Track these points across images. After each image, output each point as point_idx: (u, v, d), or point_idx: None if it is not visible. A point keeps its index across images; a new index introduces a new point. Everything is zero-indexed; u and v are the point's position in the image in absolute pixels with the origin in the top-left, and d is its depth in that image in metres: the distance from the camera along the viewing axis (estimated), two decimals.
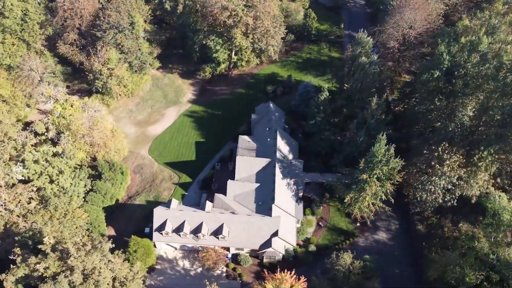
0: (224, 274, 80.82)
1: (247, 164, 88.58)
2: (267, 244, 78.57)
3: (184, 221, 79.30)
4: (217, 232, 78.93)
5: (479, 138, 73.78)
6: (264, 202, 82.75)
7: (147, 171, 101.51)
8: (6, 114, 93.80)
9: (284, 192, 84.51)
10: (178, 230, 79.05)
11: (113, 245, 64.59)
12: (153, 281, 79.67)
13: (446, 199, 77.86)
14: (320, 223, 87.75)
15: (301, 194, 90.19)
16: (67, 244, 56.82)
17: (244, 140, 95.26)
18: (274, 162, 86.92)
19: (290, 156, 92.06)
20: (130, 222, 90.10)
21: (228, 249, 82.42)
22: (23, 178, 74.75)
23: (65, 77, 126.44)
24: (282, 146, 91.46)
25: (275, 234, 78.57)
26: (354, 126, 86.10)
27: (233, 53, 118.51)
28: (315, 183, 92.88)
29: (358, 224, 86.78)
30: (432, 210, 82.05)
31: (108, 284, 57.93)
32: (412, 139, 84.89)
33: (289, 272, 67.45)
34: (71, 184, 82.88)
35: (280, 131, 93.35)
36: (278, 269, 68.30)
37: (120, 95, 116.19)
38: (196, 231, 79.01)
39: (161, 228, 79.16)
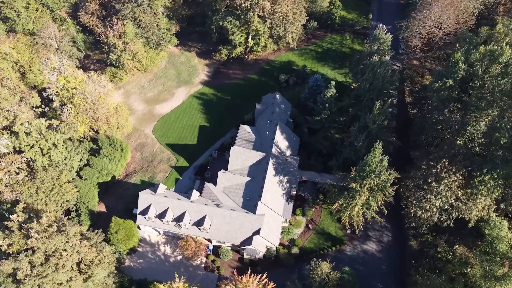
0: (203, 265, 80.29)
1: (242, 156, 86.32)
2: (248, 241, 76.96)
3: (168, 208, 78.82)
4: (199, 223, 78.00)
5: (484, 159, 67.46)
6: (251, 198, 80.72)
7: (148, 150, 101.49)
8: (17, 81, 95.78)
9: (274, 189, 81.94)
10: (161, 216, 78.79)
11: (82, 228, 64.61)
12: (133, 263, 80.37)
13: (442, 219, 72.72)
14: (309, 225, 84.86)
15: (294, 192, 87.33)
16: (32, 224, 57.43)
17: (244, 130, 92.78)
18: (268, 158, 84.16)
19: (288, 152, 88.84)
20: (121, 200, 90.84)
21: (210, 240, 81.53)
22: (15, 149, 76.19)
23: (87, 46, 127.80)
24: (281, 141, 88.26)
25: (257, 232, 76.70)
26: (355, 129, 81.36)
27: (250, 37, 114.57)
28: (312, 182, 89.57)
29: (348, 231, 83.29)
30: (427, 227, 77.14)
31: (70, 266, 58.40)
32: (416, 150, 79.15)
33: (258, 275, 65.70)
34: (66, 157, 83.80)
35: (281, 125, 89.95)
36: (249, 271, 66.59)
37: (133, 70, 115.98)
38: (179, 219, 78.43)
39: (144, 212, 79.15)
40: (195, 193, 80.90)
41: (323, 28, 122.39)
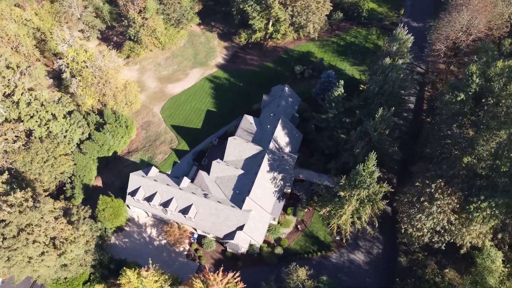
0: (186, 253, 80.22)
1: (239, 147, 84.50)
2: (231, 235, 75.88)
3: (156, 192, 78.74)
4: (185, 211, 77.58)
5: (484, 184, 62.28)
6: (241, 191, 79.18)
7: (153, 129, 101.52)
8: (32, 49, 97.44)
9: (265, 185, 79.93)
10: (149, 199, 78.90)
11: (62, 203, 65.14)
12: (118, 241, 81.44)
13: (434, 240, 68.49)
14: (299, 226, 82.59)
15: (289, 190, 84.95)
16: (8, 197, 58.60)
17: (247, 121, 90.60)
18: (264, 153, 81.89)
19: (287, 149, 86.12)
20: (119, 177, 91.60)
21: (195, 229, 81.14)
22: (15, 118, 77.85)
23: (112, 17, 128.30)
24: (281, 137, 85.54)
25: (241, 228, 75.38)
26: (356, 134, 77.35)
27: (270, 23, 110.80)
28: (309, 182, 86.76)
29: (337, 238, 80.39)
30: (419, 245, 73.16)
31: (43, 242, 59.48)
32: (417, 163, 74.45)
33: (230, 273, 64.60)
34: (67, 130, 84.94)
35: (283, 119, 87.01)
36: (221, 269, 65.49)
37: (150, 46, 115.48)
38: (166, 204, 78.29)
39: (134, 193, 79.48)
40: (185, 180, 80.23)
41: (349, 20, 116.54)
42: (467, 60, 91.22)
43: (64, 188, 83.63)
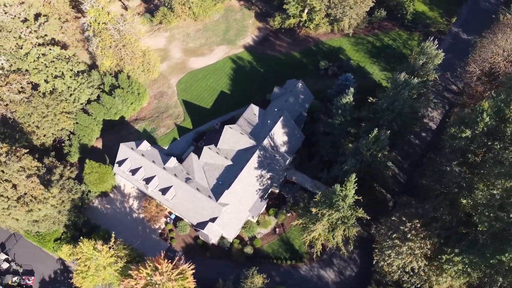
0: (160, 231, 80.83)
1: (233, 137, 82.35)
2: (203, 225, 75.09)
3: (141, 167, 79.19)
4: (164, 191, 77.51)
5: (462, 237, 56.01)
6: (224, 183, 77.61)
7: (164, 101, 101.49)
8: (62, 2, 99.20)
9: (249, 182, 77.62)
10: (134, 172, 79.60)
11: (32, 165, 66.76)
12: (101, 205, 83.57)
13: (404, 279, 63.57)
14: (277, 229, 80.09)
15: (277, 191, 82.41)
16: None
17: (252, 111, 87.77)
18: (256, 149, 79.12)
19: (283, 148, 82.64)
20: (118, 142, 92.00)
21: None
22: (22, 69, 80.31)
23: None
24: (279, 135, 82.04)
25: (213, 220, 74.28)
26: (351, 149, 72.22)
27: (306, 11, 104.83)
28: (301, 186, 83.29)
29: (312, 249, 77.09)
30: (391, 280, 68.38)
31: (7, 197, 61.94)
32: (406, 194, 68.55)
33: (186, 264, 64.12)
34: (75, 89, 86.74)
35: (286, 117, 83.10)
36: (176, 259, 65.11)
37: (182, 15, 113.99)
38: (148, 180, 78.65)
39: (121, 163, 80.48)
40: (172, 160, 79.83)
41: (392, 20, 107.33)
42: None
43: (63, 145, 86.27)
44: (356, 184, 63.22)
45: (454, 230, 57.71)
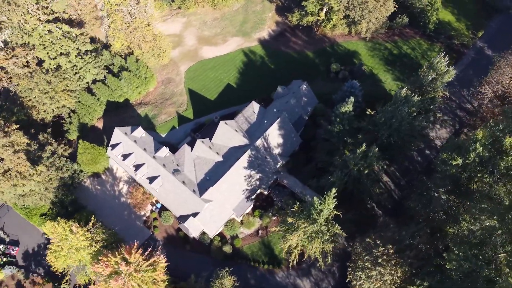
0: (144, 218, 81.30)
1: (227, 134, 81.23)
2: (185, 218, 74.92)
3: (132, 153, 79.47)
4: (151, 180, 77.61)
5: (434, 270, 53.19)
6: (211, 179, 76.90)
7: (171, 87, 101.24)
8: None
9: (236, 181, 76.59)
10: (125, 157, 79.99)
11: (20, 141, 67.79)
12: (91, 186, 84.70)
13: None
14: (260, 232, 78.99)
15: (266, 192, 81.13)
16: None
17: (251, 109, 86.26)
18: (248, 148, 77.81)
19: (277, 151, 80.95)
20: (119, 124, 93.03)
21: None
22: (27, 44, 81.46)
23: None
24: (274, 136, 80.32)
25: (194, 215, 73.95)
26: (340, 161, 69.81)
27: (324, 10, 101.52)
28: (291, 190, 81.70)
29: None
30: None
31: None
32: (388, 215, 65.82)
33: (159, 256, 64.23)
34: (81, 68, 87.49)
35: (284, 119, 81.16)
36: (149, 250, 65.17)
37: (200, 2, 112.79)
38: (137, 167, 78.90)
39: (114, 147, 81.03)
40: (163, 150, 79.70)
41: (415, 28, 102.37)
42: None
43: (63, 122, 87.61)
44: (347, 197, 61.33)
45: (429, 261, 54.90)
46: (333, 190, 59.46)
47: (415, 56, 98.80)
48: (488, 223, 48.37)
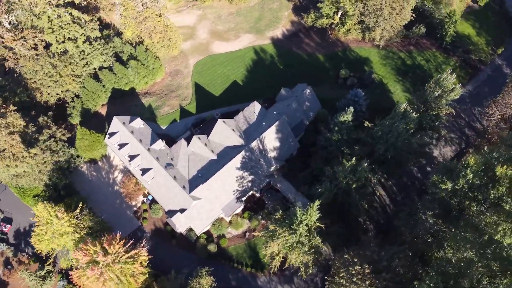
0: (135, 209, 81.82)
1: (224, 132, 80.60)
2: (172, 213, 75.03)
3: (128, 144, 79.84)
4: (144, 172, 77.87)
5: None
6: (203, 176, 76.62)
7: (178, 80, 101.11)
8: None
9: (228, 181, 76.09)
10: (121, 147, 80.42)
11: (16, 123, 68.68)
12: (87, 171, 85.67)
13: None
14: (247, 234, 78.42)
15: (258, 194, 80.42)
16: None
17: (252, 108, 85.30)
18: (242, 149, 77.02)
19: (273, 154, 79.90)
20: (122, 112, 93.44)
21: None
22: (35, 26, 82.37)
23: None
24: (270, 139, 79.25)
25: (182, 211, 73.92)
26: (331, 171, 68.27)
27: (339, 14, 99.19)
28: (284, 194, 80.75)
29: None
30: None
31: None
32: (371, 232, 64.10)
33: (141, 248, 64.65)
34: (89, 54, 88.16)
35: (283, 122, 79.89)
36: (130, 242, 65.64)
37: None
38: (132, 158, 79.27)
39: (111, 135, 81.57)
40: (159, 143, 79.74)
41: (432, 39, 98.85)
42: None
43: (66, 105, 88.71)
44: (335, 209, 60.06)
45: (405, 285, 53.15)
46: (317, 202, 58.32)
47: (428, 68, 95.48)
48: (467, 255, 46.29)
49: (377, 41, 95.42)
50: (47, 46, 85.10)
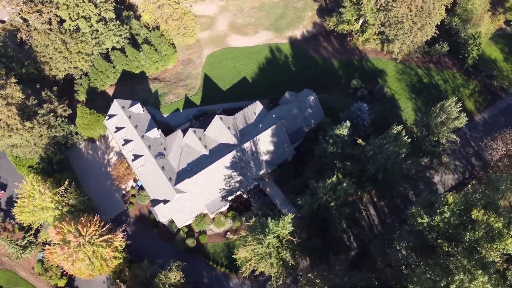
0: (123, 193, 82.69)
1: (219, 129, 79.68)
2: (156, 203, 75.27)
3: (124, 128, 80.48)
4: (135, 158, 78.41)
5: None
6: (191, 170, 76.24)
7: (189, 69, 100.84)
8: None
9: (215, 178, 75.46)
10: (118, 129, 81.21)
11: (15, 95, 70.20)
12: (85, 149, 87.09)
13: None
14: (228, 233, 77.82)
15: (245, 196, 79.60)
16: None
17: (253, 108, 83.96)
18: (234, 149, 76.09)
19: (265, 157, 78.59)
20: (129, 94, 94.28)
21: None
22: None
23: None
24: (264, 142, 77.85)
25: (165, 202, 74.05)
26: (315, 184, 66.36)
27: (360, 21, 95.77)
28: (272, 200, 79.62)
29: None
30: None
31: None
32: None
33: (118, 233, 65.46)
34: (102, 33, 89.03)
35: (279, 127, 78.23)
36: (108, 226, 66.40)
37: None
38: (126, 142, 79.95)
39: (110, 117, 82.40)
40: (154, 131, 79.94)
41: (454, 59, 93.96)
42: None
43: (74, 82, 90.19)
44: (317, 223, 58.48)
45: None
46: (290, 216, 56.76)
47: (445, 89, 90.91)
48: None
49: (395, 54, 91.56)
50: (61, 22, 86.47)
